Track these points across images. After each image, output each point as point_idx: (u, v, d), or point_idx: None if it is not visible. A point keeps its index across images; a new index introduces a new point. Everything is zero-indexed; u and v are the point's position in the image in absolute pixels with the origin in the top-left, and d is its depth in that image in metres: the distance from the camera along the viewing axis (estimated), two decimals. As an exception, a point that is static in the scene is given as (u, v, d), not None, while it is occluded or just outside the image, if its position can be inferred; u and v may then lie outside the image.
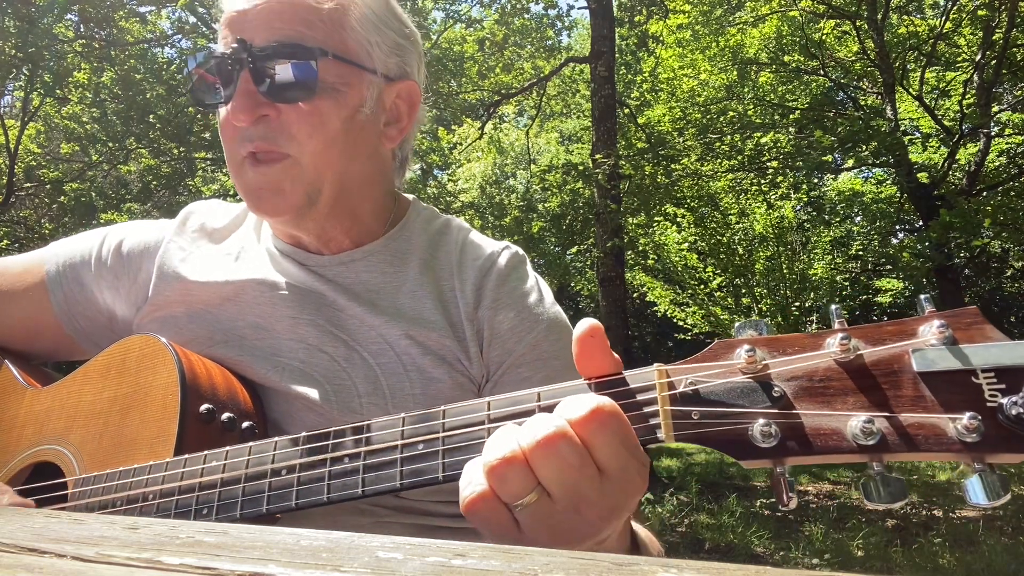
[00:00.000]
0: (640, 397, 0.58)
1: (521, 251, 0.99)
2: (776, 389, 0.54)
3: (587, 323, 0.61)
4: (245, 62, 0.83)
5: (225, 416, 0.82)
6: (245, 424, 0.83)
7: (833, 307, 0.57)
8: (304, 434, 0.70)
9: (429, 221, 1.02)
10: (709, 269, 12.32)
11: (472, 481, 0.54)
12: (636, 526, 0.73)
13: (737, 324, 0.57)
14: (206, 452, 0.75)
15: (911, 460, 0.50)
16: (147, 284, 0.99)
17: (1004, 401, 0.48)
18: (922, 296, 0.54)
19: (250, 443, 0.73)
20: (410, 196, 1.05)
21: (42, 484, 0.86)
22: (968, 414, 0.49)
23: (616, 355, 0.61)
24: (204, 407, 0.81)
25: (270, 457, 0.70)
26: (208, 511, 0.72)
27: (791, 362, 0.54)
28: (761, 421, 0.53)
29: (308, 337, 0.90)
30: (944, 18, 10.32)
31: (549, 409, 0.58)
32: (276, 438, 0.72)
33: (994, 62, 9.61)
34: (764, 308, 12.00)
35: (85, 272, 1.02)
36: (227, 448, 0.74)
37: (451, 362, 0.89)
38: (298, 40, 0.84)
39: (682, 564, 0.37)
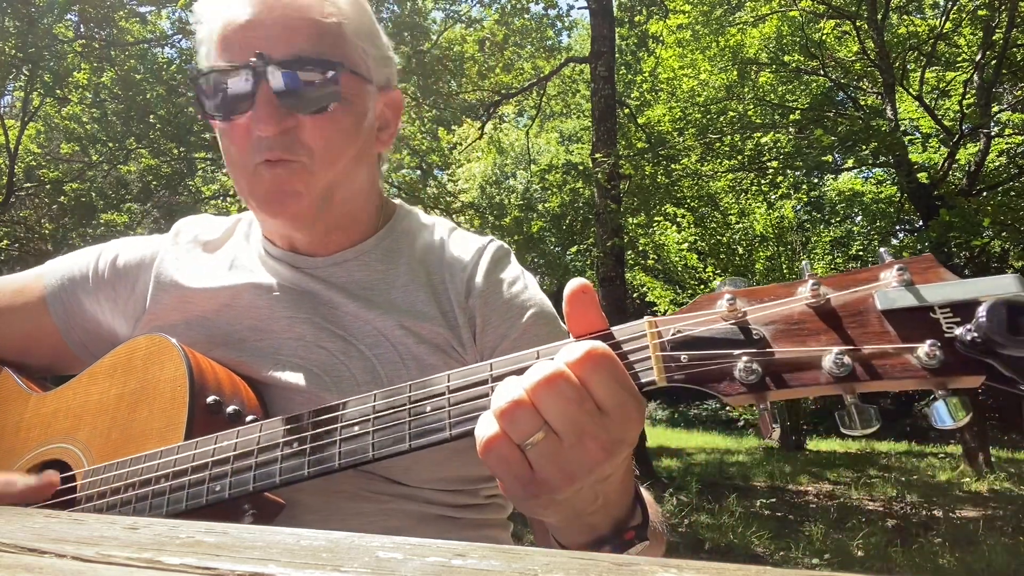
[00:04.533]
0: (633, 345, 0.63)
1: (506, 244, 1.04)
2: (756, 332, 0.59)
3: (578, 282, 0.65)
4: (266, 74, 0.85)
5: (231, 408, 0.84)
6: (249, 417, 0.85)
7: (804, 263, 0.64)
8: (316, 408, 0.74)
9: (416, 220, 1.08)
10: (709, 269, 12.33)
11: (486, 428, 0.59)
12: (643, 491, 0.76)
13: (717, 282, 0.63)
14: (216, 434, 0.77)
15: (880, 389, 0.56)
16: (144, 295, 1.02)
17: (959, 331, 0.54)
18: (882, 249, 0.60)
19: (260, 421, 0.77)
20: (396, 200, 1.10)
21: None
22: (928, 342, 0.54)
23: (604, 315, 0.64)
24: (211, 398, 0.83)
25: (281, 432, 0.74)
26: (221, 488, 0.74)
27: (767, 308, 0.60)
28: (744, 360, 0.58)
29: (305, 335, 0.93)
30: (944, 18, 10.32)
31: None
32: (287, 416, 0.75)
33: (994, 62, 9.61)
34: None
35: (83, 286, 1.05)
36: (237, 428, 0.77)
37: (446, 349, 0.92)
38: (319, 54, 0.87)
39: (682, 564, 0.37)
